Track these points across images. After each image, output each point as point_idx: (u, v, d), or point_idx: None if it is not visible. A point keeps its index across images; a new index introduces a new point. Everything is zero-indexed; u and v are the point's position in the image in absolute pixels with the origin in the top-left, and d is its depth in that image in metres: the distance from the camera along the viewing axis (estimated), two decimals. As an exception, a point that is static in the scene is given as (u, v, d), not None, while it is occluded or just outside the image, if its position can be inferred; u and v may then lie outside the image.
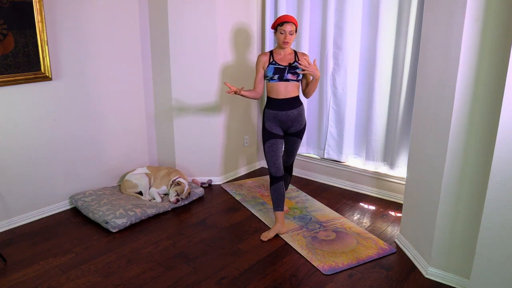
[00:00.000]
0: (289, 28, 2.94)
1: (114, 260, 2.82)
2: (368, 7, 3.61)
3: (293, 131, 3.13)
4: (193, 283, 2.58)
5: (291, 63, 3.02)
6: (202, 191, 3.86)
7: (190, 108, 3.95)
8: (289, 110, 3.05)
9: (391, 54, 3.55)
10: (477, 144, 2.31)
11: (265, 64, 3.07)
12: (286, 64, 3.02)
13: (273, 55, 3.08)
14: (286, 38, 2.96)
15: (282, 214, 3.16)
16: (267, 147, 3.11)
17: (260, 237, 3.11)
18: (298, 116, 3.10)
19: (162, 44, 3.84)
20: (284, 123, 3.09)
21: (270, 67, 3.04)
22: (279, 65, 3.02)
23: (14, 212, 3.25)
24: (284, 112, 3.05)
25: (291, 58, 3.05)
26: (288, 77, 3.01)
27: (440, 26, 2.46)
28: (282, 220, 3.16)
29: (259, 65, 3.10)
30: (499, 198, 2.04)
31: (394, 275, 2.67)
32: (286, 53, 3.06)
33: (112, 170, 3.88)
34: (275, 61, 3.04)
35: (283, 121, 3.08)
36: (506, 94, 1.94)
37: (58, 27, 3.26)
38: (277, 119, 3.07)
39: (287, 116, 3.06)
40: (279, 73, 3.01)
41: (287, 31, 2.94)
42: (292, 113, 3.06)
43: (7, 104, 3.09)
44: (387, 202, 3.75)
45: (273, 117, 3.08)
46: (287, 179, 3.45)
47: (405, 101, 3.47)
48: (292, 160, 3.33)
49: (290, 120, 3.08)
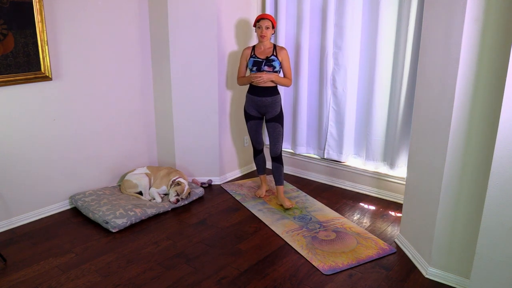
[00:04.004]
0: (265, 23, 3.39)
1: (114, 260, 2.82)
2: (368, 7, 3.61)
3: (271, 117, 3.54)
4: (193, 283, 2.58)
5: (268, 56, 3.44)
6: (202, 191, 3.86)
7: (190, 108, 3.95)
8: (263, 96, 3.49)
9: (391, 54, 3.55)
10: (477, 144, 2.31)
11: (247, 57, 3.54)
12: (264, 58, 3.45)
13: (254, 49, 3.52)
14: (262, 32, 3.42)
15: (265, 177, 3.90)
16: (248, 127, 3.70)
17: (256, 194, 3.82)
18: (272, 103, 3.51)
19: (162, 44, 3.84)
20: (260, 108, 3.54)
21: (251, 59, 3.50)
22: (257, 58, 3.47)
23: (14, 212, 3.25)
24: (259, 98, 3.50)
25: (269, 52, 3.47)
26: (265, 69, 3.45)
27: (440, 26, 2.47)
28: (265, 182, 3.90)
29: (243, 58, 3.59)
30: (499, 198, 2.05)
31: (394, 275, 2.67)
32: (266, 47, 3.49)
33: (112, 170, 3.88)
34: (255, 54, 3.49)
35: (259, 105, 3.53)
36: (506, 94, 1.94)
37: (58, 27, 3.26)
38: (254, 102, 3.54)
39: (262, 102, 3.50)
40: (257, 65, 3.46)
41: (263, 26, 3.40)
42: (266, 100, 3.49)
43: (7, 104, 3.08)
44: (387, 202, 3.75)
45: (251, 100, 3.57)
46: (279, 170, 3.64)
47: (405, 101, 3.47)
48: (277, 148, 3.58)
49: (265, 106, 3.51)
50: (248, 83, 3.59)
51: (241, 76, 3.64)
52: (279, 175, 3.64)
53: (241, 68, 3.63)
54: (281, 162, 3.64)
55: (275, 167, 3.63)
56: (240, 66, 3.63)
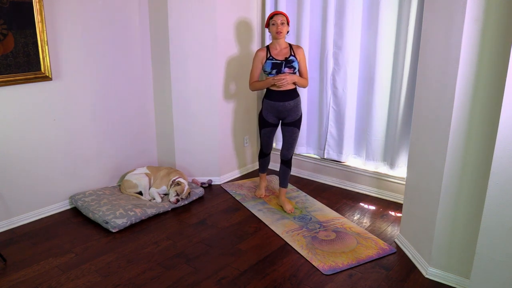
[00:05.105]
0: (280, 18, 3.14)
1: (114, 260, 2.82)
2: (368, 7, 3.61)
3: (290, 121, 3.34)
4: (193, 283, 2.58)
5: (287, 57, 3.20)
6: (202, 191, 3.86)
7: (190, 108, 3.95)
8: (286, 101, 3.25)
9: (391, 54, 3.55)
10: (477, 144, 2.31)
11: (263, 59, 3.24)
12: (283, 59, 3.20)
13: (269, 50, 3.25)
14: (278, 28, 3.15)
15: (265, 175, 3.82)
16: (263, 133, 3.48)
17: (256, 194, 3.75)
18: (294, 106, 3.30)
19: (162, 44, 3.84)
20: (281, 113, 3.31)
21: (268, 62, 3.22)
22: (276, 60, 3.20)
23: (14, 212, 3.25)
24: (281, 103, 3.26)
25: (286, 52, 3.22)
26: (285, 70, 3.20)
27: (440, 26, 2.47)
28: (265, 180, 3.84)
29: (257, 61, 3.28)
30: (499, 198, 2.05)
31: (394, 275, 2.67)
32: (282, 47, 3.24)
33: (112, 170, 3.88)
34: (272, 56, 3.22)
35: (280, 111, 3.29)
36: (506, 94, 1.94)
37: (58, 27, 3.26)
38: (275, 108, 3.30)
39: (284, 107, 3.27)
40: (276, 68, 3.20)
41: (278, 22, 3.14)
42: (289, 104, 3.27)
43: (7, 104, 3.08)
44: (387, 202, 3.75)
45: (271, 107, 3.30)
46: (287, 173, 3.53)
47: (405, 101, 3.47)
48: (290, 153, 3.44)
49: (287, 111, 3.29)
50: (264, 88, 3.33)
51: (255, 80, 3.34)
52: (285, 178, 3.53)
53: (256, 72, 3.30)
54: (290, 166, 3.51)
55: (283, 170, 3.51)
56: (254, 69, 3.30)
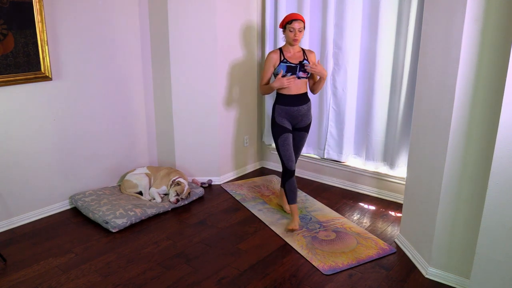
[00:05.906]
0: (298, 25, 3.02)
1: (114, 260, 2.82)
2: (368, 7, 3.61)
3: (302, 126, 3.24)
4: (193, 283, 2.58)
5: (301, 61, 3.12)
6: (202, 191, 3.86)
7: (190, 108, 3.95)
8: (300, 105, 3.16)
9: (391, 54, 3.55)
10: (477, 144, 2.31)
11: (276, 62, 3.13)
12: (297, 62, 3.11)
13: (283, 52, 3.14)
14: (296, 36, 3.04)
15: (296, 207, 3.27)
16: (281, 142, 3.16)
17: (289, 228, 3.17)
18: (307, 111, 3.22)
19: (162, 44, 3.84)
20: (295, 118, 3.18)
21: (282, 65, 3.11)
22: (290, 63, 3.10)
23: (14, 212, 3.25)
24: (295, 108, 3.15)
25: (300, 56, 3.14)
26: (300, 74, 3.11)
27: (440, 26, 2.47)
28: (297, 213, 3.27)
29: (270, 63, 3.15)
30: (499, 198, 2.05)
31: (394, 275, 2.67)
32: (295, 51, 3.15)
33: (112, 170, 3.88)
34: (286, 59, 3.11)
35: (294, 116, 3.17)
36: (506, 94, 1.94)
37: (58, 27, 3.26)
38: (289, 114, 3.16)
39: (298, 111, 3.16)
40: (291, 71, 3.10)
41: (296, 29, 3.02)
42: (303, 108, 3.18)
43: (7, 104, 3.08)
44: (387, 202, 3.75)
45: (285, 112, 3.16)
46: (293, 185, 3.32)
47: (405, 101, 3.47)
48: (297, 157, 3.36)
49: (301, 115, 3.19)
50: (272, 91, 3.22)
51: (266, 83, 3.20)
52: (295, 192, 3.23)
53: (268, 74, 3.18)
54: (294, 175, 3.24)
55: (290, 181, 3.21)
56: (266, 72, 3.17)
